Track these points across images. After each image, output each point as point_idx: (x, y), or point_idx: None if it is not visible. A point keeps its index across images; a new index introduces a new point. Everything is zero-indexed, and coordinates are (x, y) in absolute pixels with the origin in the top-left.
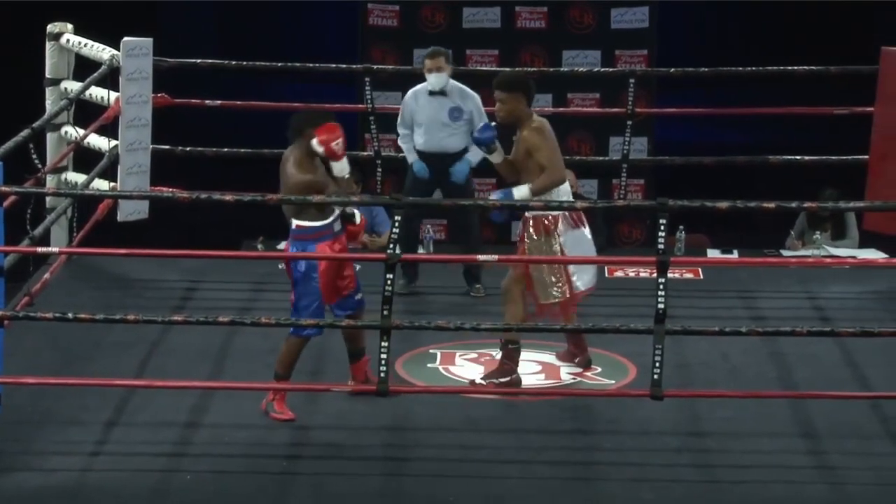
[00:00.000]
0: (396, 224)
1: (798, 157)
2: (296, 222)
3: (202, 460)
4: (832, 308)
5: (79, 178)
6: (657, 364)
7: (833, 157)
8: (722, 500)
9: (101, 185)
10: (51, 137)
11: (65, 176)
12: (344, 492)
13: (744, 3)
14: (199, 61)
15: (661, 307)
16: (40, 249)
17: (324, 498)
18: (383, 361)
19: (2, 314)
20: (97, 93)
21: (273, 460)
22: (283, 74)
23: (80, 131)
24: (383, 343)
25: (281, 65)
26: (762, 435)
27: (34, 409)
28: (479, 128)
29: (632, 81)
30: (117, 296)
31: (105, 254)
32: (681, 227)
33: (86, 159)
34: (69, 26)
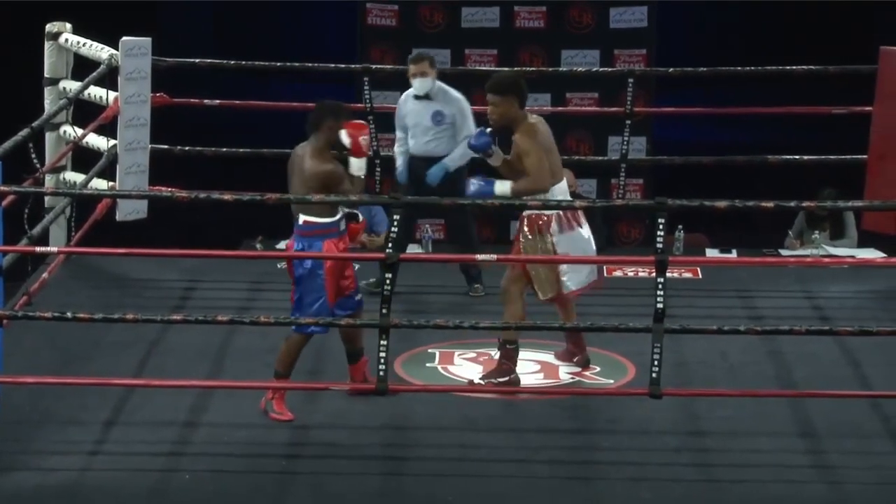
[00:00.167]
0: (395, 223)
1: (797, 157)
2: (304, 217)
3: (201, 460)
4: (831, 307)
5: (77, 177)
6: (656, 363)
7: (832, 157)
8: (721, 499)
9: (99, 184)
10: (49, 137)
11: (63, 175)
12: (343, 491)
13: (743, 3)
14: (198, 61)
15: (660, 306)
16: (39, 249)
17: (323, 497)
18: (382, 360)
19: (0, 314)
20: (96, 92)
21: (272, 460)
22: (282, 74)
23: (79, 131)
24: (382, 342)
25: (280, 64)
26: (761, 434)
27: (33, 409)
28: (475, 134)
29: (631, 81)
30: (116, 295)
31: (104, 253)
32: (679, 226)
33: (84, 159)
34: (68, 26)
